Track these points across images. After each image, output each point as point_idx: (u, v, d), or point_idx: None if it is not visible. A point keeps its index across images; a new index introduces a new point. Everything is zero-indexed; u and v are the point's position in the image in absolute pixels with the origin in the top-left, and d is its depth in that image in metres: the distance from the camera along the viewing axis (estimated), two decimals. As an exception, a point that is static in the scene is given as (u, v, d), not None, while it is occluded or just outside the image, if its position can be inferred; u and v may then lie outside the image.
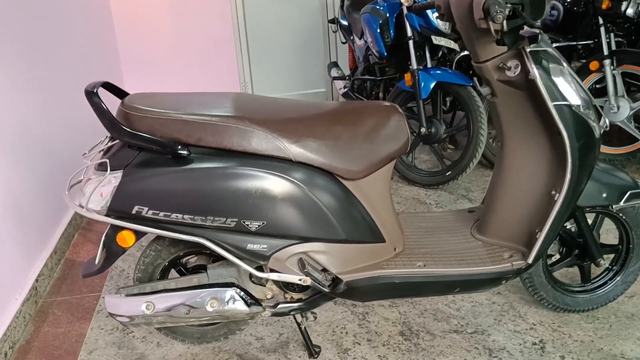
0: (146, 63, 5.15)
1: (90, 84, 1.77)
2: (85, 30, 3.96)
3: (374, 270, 1.85)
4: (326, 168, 1.75)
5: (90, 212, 1.75)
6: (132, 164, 1.71)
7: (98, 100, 1.70)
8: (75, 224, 3.15)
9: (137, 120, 1.72)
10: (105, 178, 1.72)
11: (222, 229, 1.73)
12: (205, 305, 1.79)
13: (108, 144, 1.83)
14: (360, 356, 2.04)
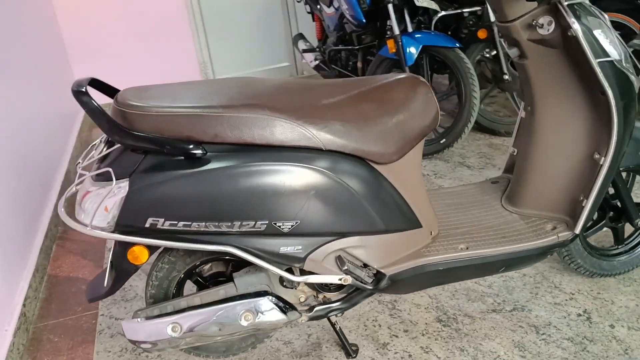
0: (95, 50, 4.81)
1: (76, 83, 1.53)
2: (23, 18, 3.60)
3: (416, 259, 1.70)
4: (358, 154, 1.56)
5: (96, 231, 1.52)
6: (138, 171, 1.49)
7: (90, 100, 1.46)
8: (51, 235, 2.87)
9: (139, 120, 1.49)
10: (109, 189, 1.49)
11: (251, 234, 1.53)
12: (239, 320, 1.60)
13: (104, 150, 1.59)
14: (402, 350, 1.90)
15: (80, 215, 1.56)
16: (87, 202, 1.54)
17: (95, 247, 2.80)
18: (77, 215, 1.59)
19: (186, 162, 1.49)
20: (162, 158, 1.50)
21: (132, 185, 1.48)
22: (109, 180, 1.51)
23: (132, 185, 1.48)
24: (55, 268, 2.66)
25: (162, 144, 1.46)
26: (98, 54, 4.79)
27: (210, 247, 1.53)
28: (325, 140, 1.51)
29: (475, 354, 1.84)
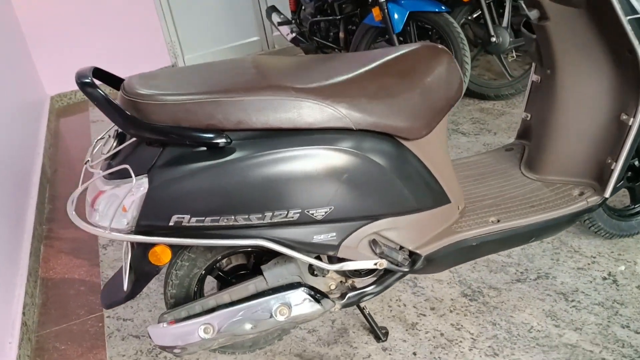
0: (55, 32, 4.56)
1: (80, 73, 1.39)
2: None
3: (450, 236, 1.64)
4: (388, 131, 1.48)
5: (116, 233, 1.41)
6: (157, 165, 1.37)
7: (98, 92, 1.34)
8: (37, 235, 2.72)
9: (155, 110, 1.37)
10: (126, 188, 1.38)
11: (283, 224, 1.44)
12: (275, 315, 1.51)
13: (114, 146, 1.47)
14: (433, 328, 1.85)
15: (94, 217, 1.44)
16: (102, 202, 1.42)
17: (86, 244, 2.65)
18: (89, 217, 1.46)
19: (209, 152, 1.38)
20: (183, 150, 1.38)
21: (152, 181, 1.36)
22: (124, 178, 1.40)
23: (153, 182, 1.36)
24: (48, 270, 2.52)
25: (183, 135, 1.35)
26: (58, 36, 4.53)
27: (240, 241, 1.43)
28: (356, 119, 1.42)
29: (508, 327, 1.81)
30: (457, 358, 1.73)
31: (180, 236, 1.42)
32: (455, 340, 1.79)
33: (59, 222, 2.88)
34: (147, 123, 1.35)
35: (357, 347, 1.83)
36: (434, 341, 1.80)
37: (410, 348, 1.80)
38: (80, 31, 4.57)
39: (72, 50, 4.58)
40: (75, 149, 3.81)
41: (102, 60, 4.70)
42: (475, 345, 1.76)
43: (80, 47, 4.61)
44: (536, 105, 1.95)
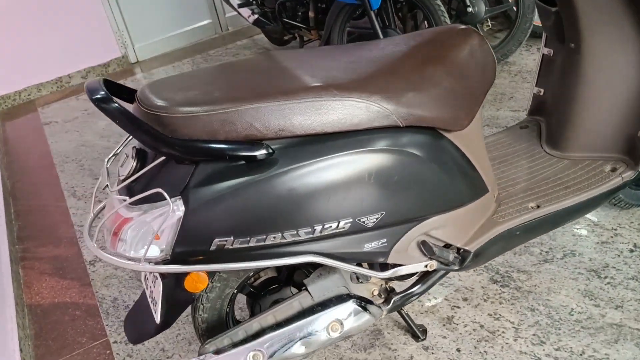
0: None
1: (91, 88, 1.22)
2: None
3: (494, 228, 1.56)
4: (434, 124, 1.37)
5: (150, 265, 1.26)
6: (192, 185, 1.22)
7: (118, 108, 1.18)
8: (13, 257, 2.49)
9: (184, 124, 1.21)
10: (158, 213, 1.22)
11: (333, 236, 1.32)
12: (329, 333, 1.40)
13: (135, 166, 1.30)
14: (470, 321, 1.78)
15: (120, 248, 1.28)
16: (130, 231, 1.26)
17: (70, 262, 2.45)
18: (112, 247, 1.30)
19: (249, 165, 1.24)
20: (218, 165, 1.23)
21: (188, 203, 1.21)
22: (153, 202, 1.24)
23: (189, 204, 1.21)
24: (34, 296, 2.30)
25: (222, 150, 1.20)
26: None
27: (287, 260, 1.31)
28: (403, 116, 1.31)
29: (548, 312, 1.76)
30: (503, 350, 1.67)
31: (223, 261, 1.28)
32: (497, 332, 1.74)
33: (33, 240, 2.65)
34: (180, 140, 1.19)
35: (397, 349, 1.74)
36: (475, 334, 1.74)
37: (452, 344, 1.72)
38: (19, 26, 4.22)
39: (11, 46, 4.23)
40: (34, 156, 3.53)
41: (46, 55, 4.37)
42: (519, 335, 1.71)
43: (20, 42, 4.27)
44: (551, 80, 1.88)
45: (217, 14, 4.92)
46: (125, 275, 2.30)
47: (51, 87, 4.48)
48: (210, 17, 4.93)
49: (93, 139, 3.56)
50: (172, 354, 1.89)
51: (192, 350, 1.88)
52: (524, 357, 1.64)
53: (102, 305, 2.17)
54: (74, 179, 3.14)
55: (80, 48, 4.47)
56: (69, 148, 3.51)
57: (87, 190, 2.98)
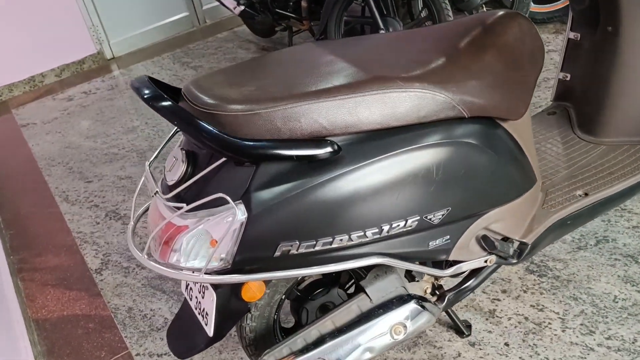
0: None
1: (138, 84, 1.12)
2: None
3: (547, 218, 1.52)
4: (496, 114, 1.31)
5: (210, 276, 1.16)
6: (254, 188, 1.13)
7: (174, 106, 1.08)
8: (13, 269, 2.34)
9: (243, 122, 1.12)
10: (217, 219, 1.13)
11: (399, 235, 1.25)
12: (392, 336, 1.33)
13: (185, 170, 1.20)
14: (514, 313, 1.74)
15: (173, 259, 1.19)
16: (185, 241, 1.16)
17: (73, 271, 2.32)
18: (162, 258, 1.21)
19: (313, 165, 1.15)
20: (281, 166, 1.15)
21: (251, 207, 1.12)
22: (207, 209, 1.15)
23: (252, 208, 1.12)
24: (39, 310, 2.17)
25: (289, 149, 1.11)
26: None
27: (352, 264, 1.23)
28: (468, 106, 1.24)
29: (592, 300, 1.73)
30: (553, 342, 1.64)
31: (285, 267, 1.19)
32: (543, 323, 1.70)
33: (28, 250, 2.50)
34: (244, 140, 1.10)
35: (442, 347, 1.69)
36: (522, 327, 1.70)
37: (499, 339, 1.68)
38: (-12, 23, 4.00)
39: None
40: (15, 160, 3.34)
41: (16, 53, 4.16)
42: (567, 325, 1.68)
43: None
44: (579, 65, 1.84)
45: (194, 7, 4.76)
46: (137, 283, 2.18)
47: (23, 87, 4.26)
48: (187, 10, 4.77)
49: (78, 140, 3.39)
50: (202, 364, 1.79)
51: (223, 359, 1.79)
52: (576, 348, 1.61)
53: (117, 316, 2.05)
54: (64, 183, 2.98)
55: (52, 45, 4.26)
56: (52, 150, 3.34)
57: (80, 195, 2.83)
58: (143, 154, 3.07)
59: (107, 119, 3.57)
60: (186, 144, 1.25)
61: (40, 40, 4.20)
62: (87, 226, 2.58)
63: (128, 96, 3.82)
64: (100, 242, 2.46)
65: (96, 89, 4.06)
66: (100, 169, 3.03)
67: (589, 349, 1.60)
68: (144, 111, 3.54)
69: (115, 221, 2.57)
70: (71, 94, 4.06)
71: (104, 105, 3.77)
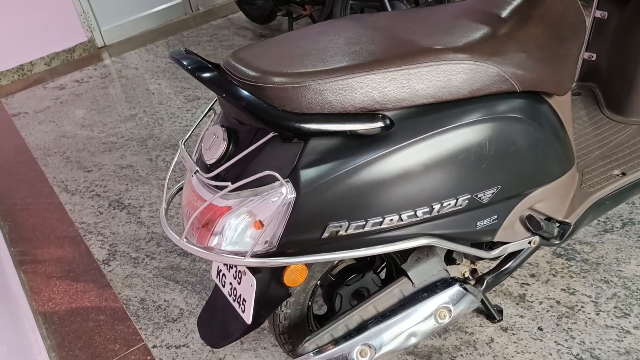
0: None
1: (179, 56, 1.05)
2: None
3: (587, 198, 1.48)
4: (543, 88, 1.26)
5: (256, 259, 1.10)
6: (302, 165, 1.07)
7: (224, 78, 1.02)
8: (15, 261, 2.24)
9: (292, 96, 1.06)
10: (262, 200, 1.07)
11: (448, 215, 1.20)
12: (437, 320, 1.28)
13: (226, 147, 1.14)
14: (545, 297, 1.70)
15: (214, 242, 1.12)
16: (228, 223, 1.09)
17: (79, 263, 2.23)
18: (201, 241, 1.14)
19: (363, 140, 1.09)
20: (331, 141, 1.09)
21: (299, 185, 1.06)
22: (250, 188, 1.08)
23: (301, 186, 1.06)
24: (46, 303, 2.08)
25: (342, 123, 1.05)
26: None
27: (401, 245, 1.18)
28: (519, 79, 1.19)
29: (624, 283, 1.70)
30: (588, 326, 1.60)
31: (333, 249, 1.14)
32: (576, 307, 1.66)
33: (29, 242, 2.40)
34: (299, 114, 1.03)
35: (474, 333, 1.64)
36: (554, 311, 1.66)
37: (532, 323, 1.64)
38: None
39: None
40: (8, 150, 3.23)
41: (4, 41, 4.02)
42: (600, 309, 1.64)
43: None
44: (606, 44, 1.81)
45: (187, -7, 4.65)
46: (148, 273, 2.10)
47: (12, 76, 4.13)
48: (179, -4, 4.66)
49: (73, 129, 3.28)
50: (223, 355, 1.73)
51: (246, 349, 1.72)
52: (612, 331, 1.57)
53: (129, 308, 1.97)
54: (62, 172, 2.88)
55: (41, 33, 4.13)
56: (47, 140, 3.23)
57: (80, 184, 2.74)
58: (144, 142, 2.98)
59: (103, 107, 3.46)
60: (226, 121, 1.18)
61: (28, 28, 4.07)
62: (90, 216, 2.49)
63: (122, 84, 3.72)
64: (105, 233, 2.37)
65: (88, 77, 3.94)
66: (99, 158, 2.93)
67: (626, 332, 1.56)
68: (141, 99, 3.44)
69: (120, 211, 2.48)
70: (62, 82, 3.94)
71: (98, 94, 3.66)
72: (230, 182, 1.08)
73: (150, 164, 2.76)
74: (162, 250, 2.19)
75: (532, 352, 1.56)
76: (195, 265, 2.09)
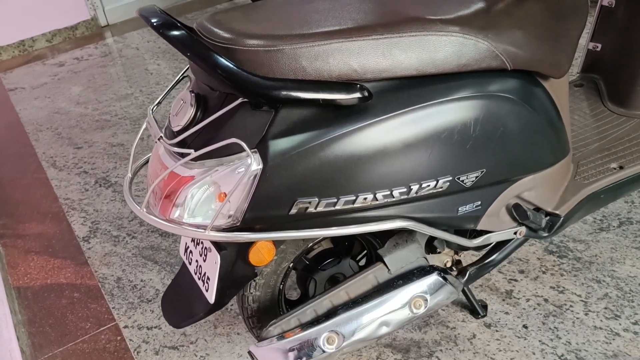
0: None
1: (148, 12, 0.99)
2: None
3: (580, 190, 1.40)
4: (537, 68, 1.19)
5: (217, 233, 1.03)
6: (271, 135, 1.00)
7: (190, 37, 0.96)
8: (-7, 234, 2.19)
9: (265, 60, 0.99)
10: (227, 170, 1.01)
11: (427, 197, 1.13)
12: (411, 309, 1.21)
13: (194, 114, 1.07)
14: (532, 294, 1.63)
15: (175, 214, 1.05)
16: (190, 194, 1.03)
17: (59, 239, 2.17)
18: (163, 212, 1.07)
19: (339, 112, 1.02)
20: (303, 111, 1.02)
21: (267, 157, 0.99)
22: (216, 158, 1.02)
23: (268, 157, 0.99)
24: (22, 277, 2.02)
25: (315, 91, 0.98)
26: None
27: (375, 226, 1.11)
28: (511, 57, 1.12)
29: (616, 283, 1.62)
30: (575, 326, 1.53)
31: (301, 227, 1.07)
32: (564, 306, 1.59)
33: (11, 216, 2.35)
34: (269, 79, 0.96)
35: (456, 327, 1.57)
36: (541, 309, 1.59)
37: (517, 321, 1.56)
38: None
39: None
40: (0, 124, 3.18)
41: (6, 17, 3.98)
42: (590, 309, 1.56)
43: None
44: (612, 34, 1.72)
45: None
46: (127, 252, 2.04)
47: (13, 51, 4.08)
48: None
49: (67, 106, 3.23)
50: (195, 338, 1.66)
51: (219, 333, 1.66)
52: (600, 333, 1.50)
53: (105, 286, 1.91)
54: (52, 148, 2.82)
55: (44, 9, 4.08)
56: (41, 116, 3.17)
57: (69, 161, 2.68)
58: (136, 122, 2.92)
59: (99, 85, 3.41)
60: (196, 87, 1.12)
61: (31, 4, 4.02)
62: (75, 193, 2.44)
63: (122, 64, 3.66)
64: (88, 210, 2.31)
65: (89, 55, 3.89)
66: (91, 136, 2.87)
67: (615, 334, 1.49)
68: (138, 79, 3.38)
69: (106, 188, 2.43)
70: (62, 59, 3.89)
71: (96, 72, 3.60)
72: (195, 150, 1.02)
73: (141, 143, 2.70)
74: (144, 230, 2.13)
75: (514, 350, 1.49)
76: (176, 247, 2.02)
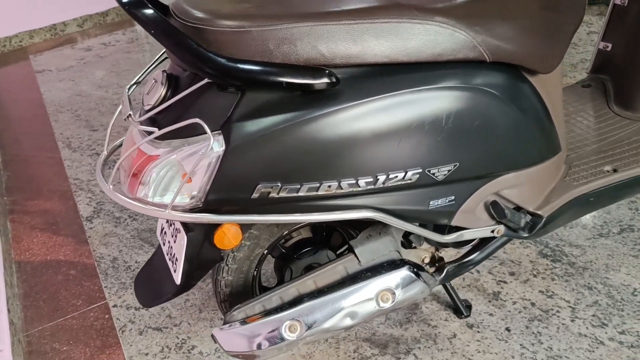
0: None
1: None
2: None
3: (568, 192, 1.36)
4: (524, 63, 1.16)
5: (178, 213, 1.04)
6: (236, 117, 1.00)
7: (155, 15, 0.96)
8: (4, 210, 2.25)
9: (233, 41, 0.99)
10: (190, 150, 1.01)
11: (396, 189, 1.11)
12: (378, 303, 1.20)
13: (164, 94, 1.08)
14: (520, 297, 1.59)
15: (141, 193, 1.06)
16: (155, 172, 1.04)
17: (64, 216, 2.22)
18: (130, 192, 1.08)
19: (306, 97, 1.01)
20: (270, 95, 1.01)
21: (230, 139, 0.99)
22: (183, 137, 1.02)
23: (231, 140, 0.99)
24: (23, 252, 2.07)
25: (279, 74, 0.97)
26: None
27: (340, 215, 1.09)
28: (491, 49, 1.09)
29: (608, 291, 1.57)
30: (560, 332, 1.48)
31: (264, 212, 1.06)
32: (551, 311, 1.54)
33: (23, 192, 2.41)
34: (229, 59, 0.96)
35: (437, 326, 1.55)
36: (527, 313, 1.55)
37: (500, 323, 1.53)
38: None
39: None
40: (24, 104, 3.26)
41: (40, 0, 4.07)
42: (577, 315, 1.52)
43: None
44: (624, 34, 1.67)
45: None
46: (126, 234, 2.07)
47: (44, 35, 4.18)
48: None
49: (89, 89, 3.29)
50: (180, 321, 1.68)
51: (203, 318, 1.67)
52: (584, 340, 1.45)
53: (100, 265, 1.95)
54: (69, 129, 2.89)
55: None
56: (63, 97, 3.25)
57: (84, 142, 2.74)
58: (152, 107, 2.96)
59: (122, 70, 3.47)
60: (171, 67, 1.13)
61: None
62: (85, 173, 2.48)
63: (147, 50, 3.72)
64: (95, 190, 2.35)
65: (116, 41, 3.96)
66: (108, 119, 2.92)
67: (599, 342, 1.44)
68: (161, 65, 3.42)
69: (114, 170, 2.46)
70: (90, 44, 3.97)
71: (120, 57, 3.66)
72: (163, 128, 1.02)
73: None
74: (145, 213, 2.16)
75: (494, 352, 1.45)
76: (173, 230, 2.04)
